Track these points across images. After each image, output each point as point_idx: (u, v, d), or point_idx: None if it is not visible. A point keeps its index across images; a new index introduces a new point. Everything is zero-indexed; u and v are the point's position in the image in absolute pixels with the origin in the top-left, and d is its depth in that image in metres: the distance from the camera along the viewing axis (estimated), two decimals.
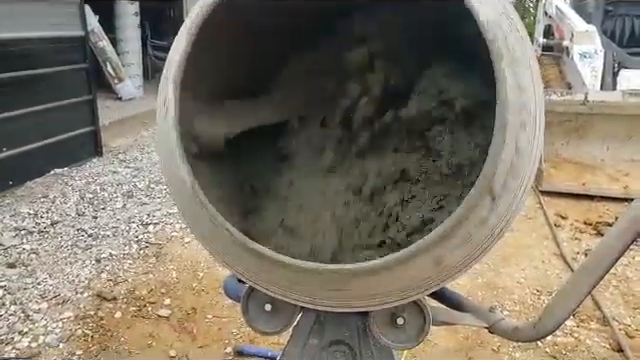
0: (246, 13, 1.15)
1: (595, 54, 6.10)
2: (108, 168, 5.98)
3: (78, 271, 3.67)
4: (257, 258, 0.95)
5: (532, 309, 3.29)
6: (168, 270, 3.72)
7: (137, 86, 10.23)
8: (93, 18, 8.58)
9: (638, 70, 6.16)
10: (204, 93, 1.23)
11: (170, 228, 4.40)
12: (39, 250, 3.95)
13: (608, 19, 7.17)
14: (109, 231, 4.32)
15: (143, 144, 7.10)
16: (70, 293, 3.39)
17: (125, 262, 3.82)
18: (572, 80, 6.37)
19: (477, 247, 0.93)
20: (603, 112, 5.07)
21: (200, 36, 1.01)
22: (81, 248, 4.02)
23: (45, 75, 5.57)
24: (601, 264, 0.98)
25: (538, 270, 3.76)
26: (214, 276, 3.57)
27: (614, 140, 5.22)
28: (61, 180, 5.45)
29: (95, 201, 4.96)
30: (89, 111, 6.30)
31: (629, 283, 3.57)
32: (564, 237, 4.27)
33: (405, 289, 0.98)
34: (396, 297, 0.99)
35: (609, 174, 5.12)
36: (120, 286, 3.50)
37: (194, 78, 1.05)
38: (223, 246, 1.02)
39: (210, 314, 3.22)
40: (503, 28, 0.89)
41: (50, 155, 5.63)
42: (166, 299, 3.36)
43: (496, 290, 3.50)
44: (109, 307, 3.26)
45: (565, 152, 5.35)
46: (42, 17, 5.48)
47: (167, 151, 1.02)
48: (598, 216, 4.59)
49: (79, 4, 5.97)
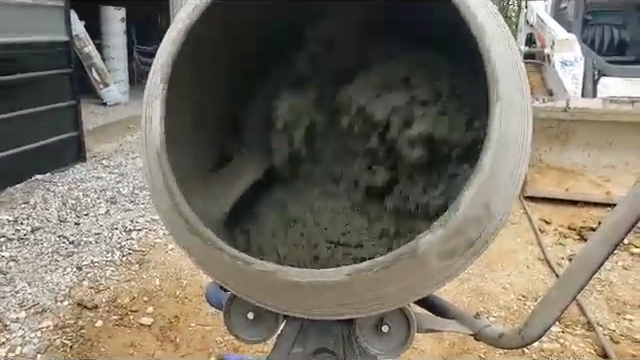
0: (229, 26, 1.13)
1: (575, 62, 6.18)
2: (91, 174, 5.90)
3: (58, 279, 3.60)
4: (235, 264, 0.93)
5: (518, 315, 3.30)
6: (151, 278, 3.67)
7: (122, 91, 10.17)
8: (79, 23, 8.52)
9: (618, 78, 6.25)
10: (185, 112, 1.21)
11: (154, 235, 4.35)
12: (18, 257, 3.87)
13: (588, 28, 7.29)
14: (91, 238, 4.26)
15: (128, 149, 7.02)
16: (50, 302, 3.33)
17: (107, 269, 3.76)
18: (554, 87, 6.45)
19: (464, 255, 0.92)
20: (584, 119, 5.14)
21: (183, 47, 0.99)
22: (62, 255, 3.94)
23: (28, 80, 5.49)
24: (585, 269, 0.98)
25: (523, 275, 3.78)
26: (198, 283, 3.53)
27: (595, 146, 5.29)
28: (43, 186, 5.36)
29: (78, 207, 4.89)
30: (73, 116, 6.22)
31: (613, 288, 3.60)
32: (548, 242, 4.30)
33: (389, 296, 0.97)
34: (380, 304, 0.98)
35: (591, 180, 5.18)
36: (102, 294, 3.44)
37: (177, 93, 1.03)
38: (198, 251, 0.99)
39: (193, 322, 3.17)
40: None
41: (32, 160, 5.54)
42: (148, 307, 3.31)
43: (482, 296, 3.50)
44: (90, 316, 3.20)
45: (548, 158, 5.41)
46: (26, 22, 5.42)
47: (149, 157, 0.99)
48: (582, 221, 4.63)
49: (64, 9, 5.90)
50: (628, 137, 5.11)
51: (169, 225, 1.06)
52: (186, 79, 1.04)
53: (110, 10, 10.01)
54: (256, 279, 0.92)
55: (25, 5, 5.40)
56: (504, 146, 0.86)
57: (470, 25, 0.86)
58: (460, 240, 0.87)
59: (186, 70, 1.01)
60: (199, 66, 1.12)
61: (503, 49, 0.90)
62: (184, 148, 1.12)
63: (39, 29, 5.61)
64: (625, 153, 5.19)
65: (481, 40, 0.86)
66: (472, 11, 0.87)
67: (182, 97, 1.06)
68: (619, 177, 5.09)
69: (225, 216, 1.24)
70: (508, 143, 0.87)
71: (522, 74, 0.96)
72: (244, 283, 1.00)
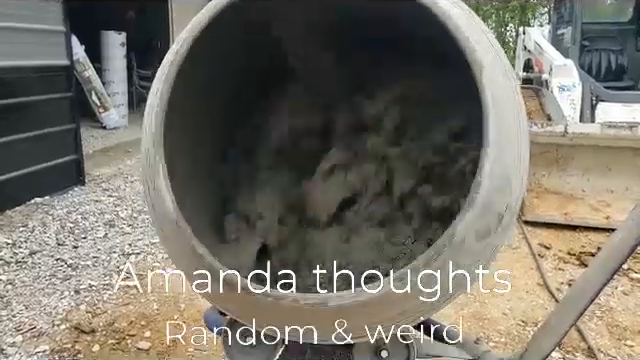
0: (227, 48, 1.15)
1: (573, 87, 6.25)
2: (90, 197, 5.90)
3: (56, 302, 3.57)
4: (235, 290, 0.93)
5: (518, 340, 3.26)
6: (149, 301, 3.64)
7: (122, 115, 10.22)
8: (79, 47, 8.59)
9: (616, 103, 6.30)
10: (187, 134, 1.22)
11: (152, 258, 4.33)
12: (15, 281, 3.85)
13: (585, 54, 7.38)
14: (89, 261, 4.24)
15: (127, 173, 7.03)
16: (47, 325, 3.30)
17: (105, 293, 3.73)
18: (552, 112, 6.50)
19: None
20: (583, 144, 5.16)
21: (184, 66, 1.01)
22: (60, 279, 3.92)
23: (29, 103, 5.52)
24: (585, 295, 0.98)
25: (523, 301, 3.76)
26: (196, 307, 3.50)
27: (594, 171, 5.29)
28: (42, 209, 5.36)
29: (76, 230, 4.87)
30: (72, 140, 6.23)
31: (613, 313, 3.57)
32: (548, 267, 4.28)
33: (388, 320, 0.97)
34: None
35: (591, 204, 5.18)
36: (99, 318, 3.41)
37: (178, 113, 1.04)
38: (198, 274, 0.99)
39: (191, 347, 3.14)
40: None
41: (31, 184, 5.54)
42: (146, 331, 3.28)
43: (482, 321, 3.47)
44: (87, 340, 3.16)
45: (547, 182, 5.42)
46: (28, 46, 5.47)
47: (147, 176, 1.00)
48: (581, 246, 4.62)
49: (65, 33, 5.98)
50: (627, 162, 5.13)
51: (169, 247, 1.06)
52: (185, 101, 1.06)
53: (111, 35, 10.12)
54: (257, 304, 0.92)
55: (27, 30, 5.46)
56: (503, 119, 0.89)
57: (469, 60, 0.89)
58: (491, 215, 0.88)
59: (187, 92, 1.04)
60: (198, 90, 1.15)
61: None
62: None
63: (40, 53, 5.66)
64: (624, 178, 5.19)
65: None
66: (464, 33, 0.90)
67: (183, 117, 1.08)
68: (618, 202, 5.08)
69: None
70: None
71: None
72: (243, 308, 1.00)
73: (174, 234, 0.95)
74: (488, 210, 0.87)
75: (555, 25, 8.37)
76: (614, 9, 10.23)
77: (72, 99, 6.18)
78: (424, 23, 0.92)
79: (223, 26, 1.00)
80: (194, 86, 1.08)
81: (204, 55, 1.03)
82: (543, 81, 6.98)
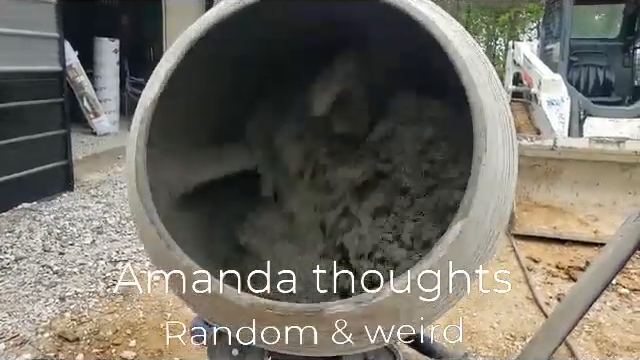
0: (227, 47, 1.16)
1: (562, 101, 6.32)
2: (79, 203, 5.84)
3: (40, 310, 3.52)
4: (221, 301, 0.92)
5: (506, 354, 3.26)
6: (135, 310, 3.60)
7: (113, 122, 10.17)
8: (72, 53, 8.57)
9: (603, 118, 6.38)
10: (175, 140, 1.22)
11: (139, 266, 4.29)
12: (0, 287, 3.78)
13: (573, 69, 7.47)
14: (76, 268, 4.18)
15: (116, 179, 6.98)
16: (30, 333, 3.24)
17: (91, 301, 3.68)
18: (541, 126, 6.57)
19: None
20: (571, 158, 5.22)
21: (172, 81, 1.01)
22: (45, 285, 3.86)
23: (19, 108, 5.49)
24: (574, 311, 0.98)
25: (511, 314, 3.75)
26: (182, 316, 3.46)
27: (583, 185, 5.34)
28: (29, 214, 5.29)
29: (63, 237, 4.82)
30: (62, 145, 6.18)
31: (602, 329, 3.57)
32: (537, 281, 4.28)
33: (377, 332, 0.96)
34: (367, 341, 0.96)
35: (579, 219, 5.21)
36: (84, 326, 3.36)
37: (163, 125, 1.04)
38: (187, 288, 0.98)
39: (177, 357, 3.10)
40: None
41: (19, 189, 5.48)
42: (131, 340, 3.23)
43: (470, 335, 3.47)
44: (71, 348, 3.11)
45: (536, 196, 5.45)
46: (21, 51, 5.45)
47: (132, 186, 1.00)
48: (570, 260, 4.63)
49: (59, 39, 5.95)
50: (614, 176, 5.18)
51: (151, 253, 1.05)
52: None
53: (104, 41, 10.10)
54: (242, 313, 0.91)
55: (21, 35, 5.43)
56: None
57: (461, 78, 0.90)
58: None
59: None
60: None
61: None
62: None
63: (33, 58, 5.63)
64: (612, 193, 5.24)
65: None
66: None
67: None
68: (606, 216, 5.12)
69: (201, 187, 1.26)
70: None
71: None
72: (230, 317, 0.99)
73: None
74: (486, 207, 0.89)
75: (544, 40, 8.47)
76: (602, 25, 10.38)
77: (64, 105, 6.14)
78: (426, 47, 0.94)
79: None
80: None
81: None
82: (532, 95, 7.05)
